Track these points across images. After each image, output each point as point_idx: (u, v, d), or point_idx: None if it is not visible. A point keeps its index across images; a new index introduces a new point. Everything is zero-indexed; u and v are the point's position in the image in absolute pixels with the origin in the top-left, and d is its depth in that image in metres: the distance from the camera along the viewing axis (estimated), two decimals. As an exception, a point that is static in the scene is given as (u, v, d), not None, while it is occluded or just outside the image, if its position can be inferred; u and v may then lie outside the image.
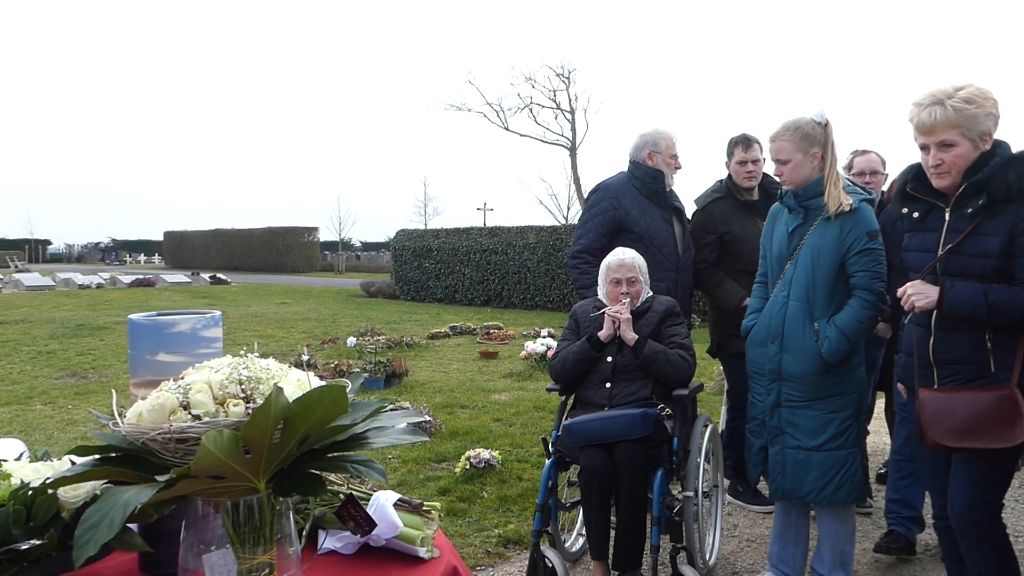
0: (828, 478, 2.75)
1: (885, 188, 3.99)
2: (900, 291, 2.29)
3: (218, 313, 1.45)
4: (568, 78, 35.88)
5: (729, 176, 3.97)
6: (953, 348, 2.23)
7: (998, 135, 2.21)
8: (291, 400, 1.02)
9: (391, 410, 1.26)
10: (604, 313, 3.10)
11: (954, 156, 2.17)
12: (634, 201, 3.74)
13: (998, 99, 2.21)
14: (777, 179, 2.95)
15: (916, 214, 2.33)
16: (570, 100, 36.45)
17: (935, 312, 2.23)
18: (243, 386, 1.10)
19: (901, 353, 2.45)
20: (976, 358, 2.20)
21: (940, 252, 2.24)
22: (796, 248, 2.81)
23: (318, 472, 1.14)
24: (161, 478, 1.01)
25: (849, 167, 4.01)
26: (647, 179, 3.75)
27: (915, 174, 2.34)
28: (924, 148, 2.23)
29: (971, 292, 2.15)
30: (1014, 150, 2.22)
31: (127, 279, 24.39)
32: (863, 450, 2.93)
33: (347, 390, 1.07)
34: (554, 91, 36.46)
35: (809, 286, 2.75)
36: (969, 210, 2.18)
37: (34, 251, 56.24)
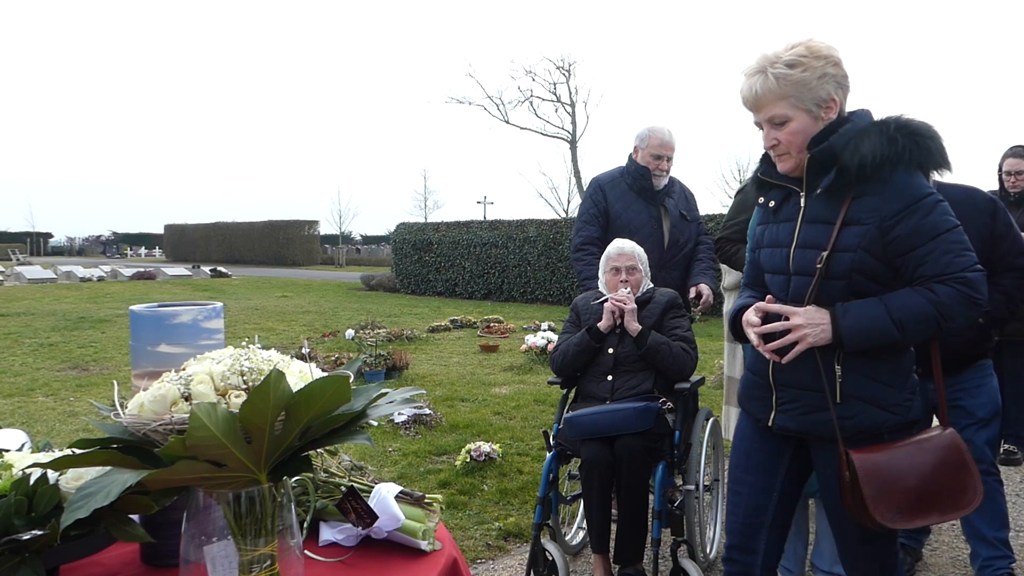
0: None
1: None
2: (759, 327, 1.78)
3: (220, 304, 1.45)
4: (568, 71, 35.82)
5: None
6: (794, 368, 1.81)
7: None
8: (294, 391, 1.02)
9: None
10: (604, 303, 3.10)
11: (789, 133, 1.79)
12: (621, 195, 3.78)
13: (841, 56, 1.80)
14: None
15: (772, 203, 1.95)
16: (570, 93, 36.42)
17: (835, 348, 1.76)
18: (245, 377, 1.09)
19: (745, 369, 2.06)
20: (818, 384, 1.78)
21: (792, 248, 1.84)
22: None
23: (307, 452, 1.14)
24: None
25: None
26: (636, 174, 3.79)
27: (766, 156, 1.96)
28: (759, 126, 1.87)
29: (869, 312, 1.72)
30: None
31: (128, 272, 24.42)
32: None
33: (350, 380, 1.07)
34: (554, 84, 36.40)
35: None
36: (819, 191, 1.80)
37: (36, 244, 56.29)
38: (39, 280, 22.10)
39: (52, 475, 1.16)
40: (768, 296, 1.85)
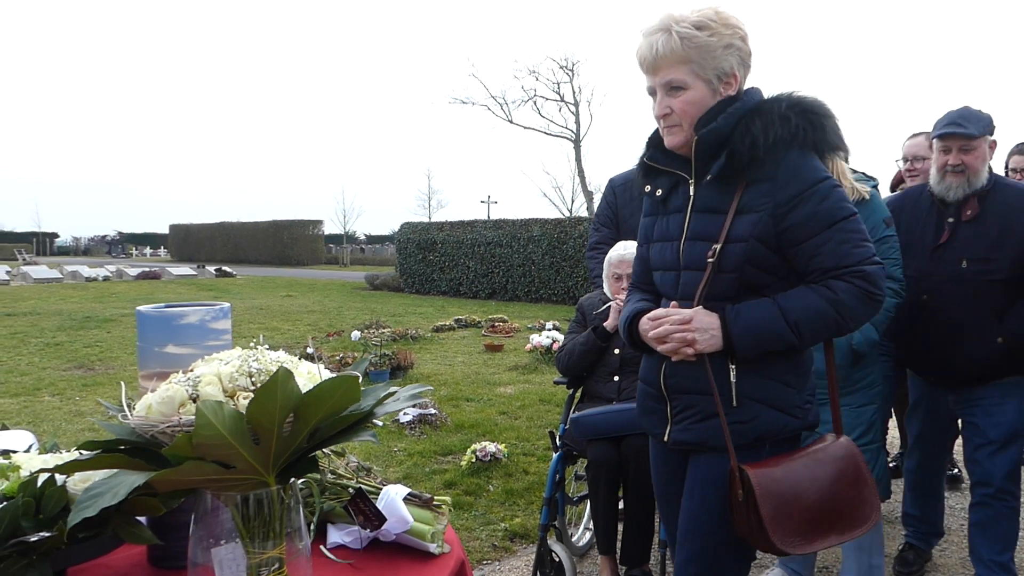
0: None
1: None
2: (655, 329, 1.65)
3: (227, 305, 1.44)
4: (572, 70, 35.80)
5: None
6: (686, 372, 1.66)
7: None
8: (303, 392, 1.01)
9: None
10: (611, 304, 3.09)
11: (684, 103, 1.62)
12: (630, 198, 3.75)
13: (748, 31, 1.65)
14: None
15: (660, 192, 1.76)
16: (574, 92, 36.34)
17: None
18: (253, 378, 1.08)
19: (639, 380, 1.88)
20: (709, 387, 1.62)
21: (683, 240, 1.68)
22: None
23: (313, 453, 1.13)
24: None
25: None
26: None
27: (652, 139, 1.77)
28: (652, 93, 1.69)
29: (762, 315, 1.58)
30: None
31: (133, 272, 24.47)
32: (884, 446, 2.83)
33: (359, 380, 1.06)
34: (558, 83, 36.42)
35: None
36: (709, 178, 1.64)
37: (42, 244, 56.48)
38: (45, 280, 22.16)
39: (59, 477, 1.16)
40: (672, 304, 1.70)
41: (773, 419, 1.63)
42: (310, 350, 7.78)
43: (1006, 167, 4.51)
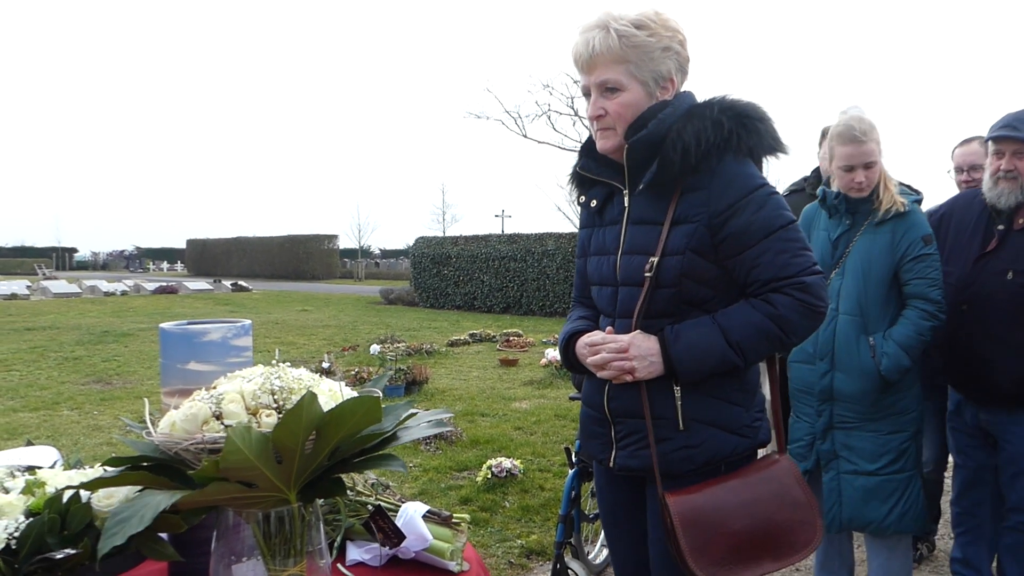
0: (890, 505, 2.51)
1: None
2: (593, 357, 1.59)
3: (248, 322, 1.45)
4: (586, 85, 35.79)
5: (815, 171, 3.57)
6: (630, 395, 1.60)
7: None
8: (324, 411, 1.01)
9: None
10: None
11: (619, 105, 1.55)
12: None
13: (687, 37, 1.58)
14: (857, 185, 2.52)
15: (594, 203, 1.70)
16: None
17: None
18: (276, 396, 1.09)
19: (581, 402, 1.84)
20: (654, 411, 1.57)
21: (619, 254, 1.62)
22: (842, 256, 2.56)
23: (339, 475, 1.13)
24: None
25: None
26: None
27: (585, 147, 1.70)
28: (586, 93, 1.62)
29: (703, 337, 1.51)
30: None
31: (151, 286, 24.71)
32: (922, 473, 2.65)
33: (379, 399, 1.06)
34: (572, 98, 36.38)
35: (862, 297, 2.51)
36: (642, 187, 1.57)
37: (61, 259, 57.23)
38: (64, 294, 22.42)
39: (84, 493, 1.17)
40: (608, 328, 1.63)
41: (723, 441, 1.57)
42: (326, 365, 7.81)
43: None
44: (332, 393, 1.13)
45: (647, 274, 1.55)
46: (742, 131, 1.53)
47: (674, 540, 1.50)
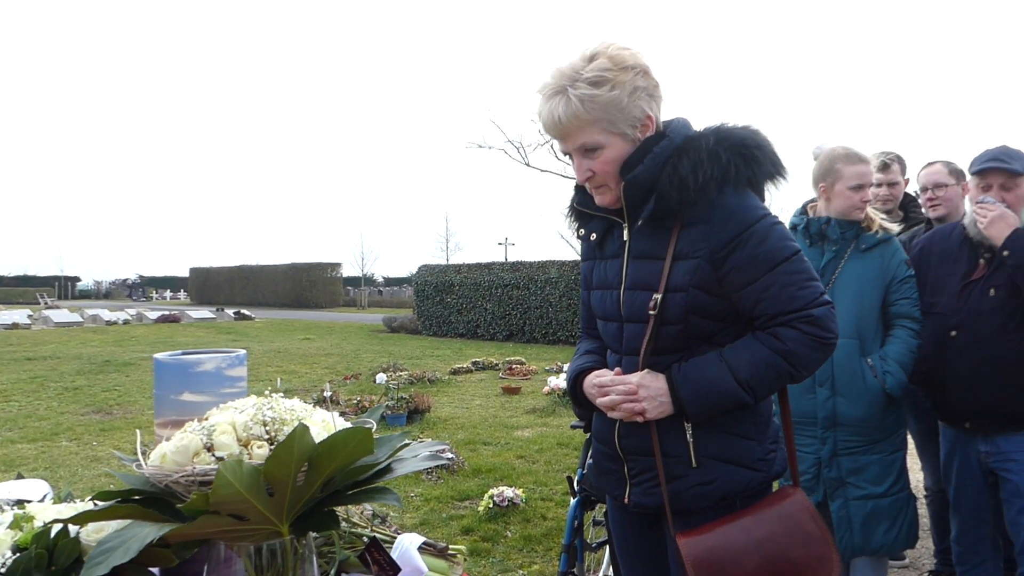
0: (898, 526, 2.56)
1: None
2: (602, 398, 1.56)
3: (243, 352, 1.44)
4: (588, 113, 36.05)
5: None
6: (641, 433, 1.57)
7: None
8: (316, 442, 1.00)
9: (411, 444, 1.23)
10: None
11: (604, 163, 1.51)
12: None
13: (647, 61, 1.51)
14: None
15: (594, 236, 1.66)
16: (590, 135, 36.59)
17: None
18: (267, 427, 1.08)
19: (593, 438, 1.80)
20: (670, 447, 1.54)
21: (622, 289, 1.59)
22: (828, 284, 2.60)
23: (332, 507, 1.12)
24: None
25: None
26: None
27: (580, 185, 1.65)
28: (567, 154, 1.58)
29: (711, 376, 1.48)
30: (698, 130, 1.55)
31: (153, 315, 24.72)
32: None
33: (372, 431, 1.05)
34: (574, 127, 36.65)
35: (860, 321, 2.56)
36: (640, 223, 1.55)
37: (64, 288, 57.41)
38: (66, 324, 22.43)
39: (72, 527, 1.15)
40: (617, 369, 1.60)
41: (737, 476, 1.54)
42: (327, 393, 7.78)
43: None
44: (325, 424, 1.12)
45: (651, 312, 1.52)
46: (740, 161, 1.50)
47: None
